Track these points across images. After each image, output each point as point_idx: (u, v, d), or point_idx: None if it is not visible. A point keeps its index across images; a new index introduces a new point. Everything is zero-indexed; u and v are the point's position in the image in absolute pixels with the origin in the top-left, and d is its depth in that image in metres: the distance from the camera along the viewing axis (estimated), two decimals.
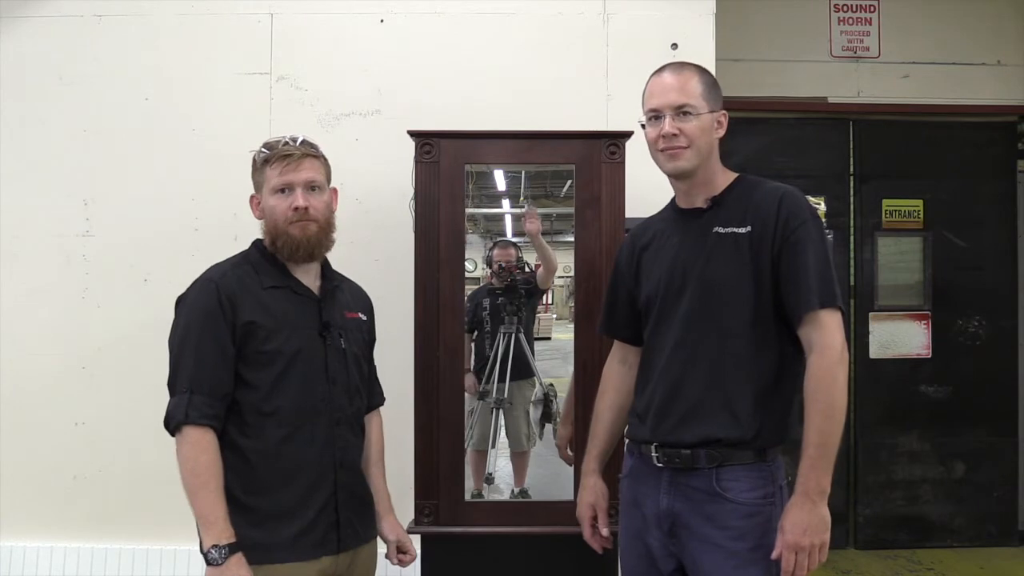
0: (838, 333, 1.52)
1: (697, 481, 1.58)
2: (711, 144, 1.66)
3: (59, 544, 2.85)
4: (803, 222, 1.56)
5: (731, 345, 1.58)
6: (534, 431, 2.89)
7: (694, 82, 1.66)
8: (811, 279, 1.53)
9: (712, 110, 1.65)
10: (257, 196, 1.75)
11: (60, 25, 2.89)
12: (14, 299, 2.88)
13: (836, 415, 1.49)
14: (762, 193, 1.62)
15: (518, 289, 2.80)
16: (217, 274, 1.68)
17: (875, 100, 3.92)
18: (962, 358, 3.93)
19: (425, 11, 2.85)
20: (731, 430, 1.56)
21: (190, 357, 1.59)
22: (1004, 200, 3.99)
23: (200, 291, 1.66)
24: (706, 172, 1.67)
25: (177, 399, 1.58)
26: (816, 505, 1.47)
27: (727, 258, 1.60)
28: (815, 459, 1.48)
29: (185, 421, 1.55)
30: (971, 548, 3.87)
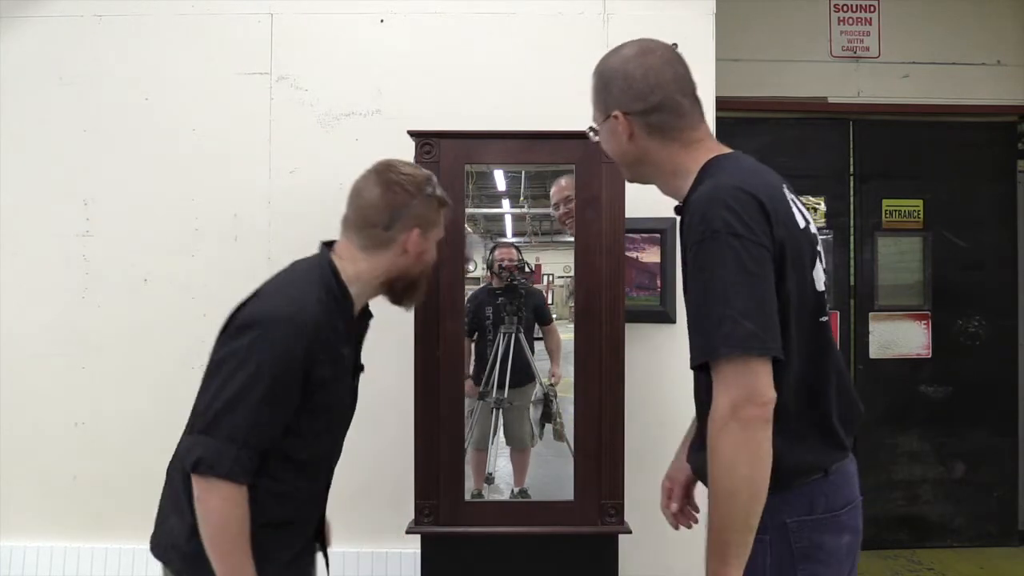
0: (726, 392, 1.22)
1: None
2: (625, 151, 1.44)
3: (59, 544, 2.85)
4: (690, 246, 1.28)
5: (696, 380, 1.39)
6: (534, 430, 2.89)
7: (591, 93, 1.48)
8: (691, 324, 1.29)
9: (605, 117, 1.43)
10: (423, 234, 1.62)
11: (60, 25, 2.89)
12: (14, 299, 2.88)
13: (728, 494, 1.22)
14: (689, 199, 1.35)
15: (518, 289, 2.80)
16: (309, 314, 1.46)
17: (875, 100, 3.92)
18: (962, 358, 3.93)
19: (425, 11, 2.85)
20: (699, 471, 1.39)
21: (253, 408, 1.40)
22: (1004, 200, 3.99)
23: (289, 330, 1.43)
24: (653, 175, 1.47)
25: (222, 447, 1.38)
26: None
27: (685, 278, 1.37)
28: (710, 544, 1.25)
29: (227, 476, 1.38)
30: (971, 548, 3.87)
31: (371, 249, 1.60)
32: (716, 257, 1.23)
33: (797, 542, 1.33)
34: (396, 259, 1.61)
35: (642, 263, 2.81)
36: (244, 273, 2.82)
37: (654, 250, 2.80)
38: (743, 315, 1.20)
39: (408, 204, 1.60)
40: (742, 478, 1.21)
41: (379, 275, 1.61)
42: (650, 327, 2.78)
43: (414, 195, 1.60)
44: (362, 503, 2.81)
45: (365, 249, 1.60)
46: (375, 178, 1.62)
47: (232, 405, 1.39)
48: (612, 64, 1.44)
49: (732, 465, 1.21)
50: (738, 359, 1.21)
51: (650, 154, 1.42)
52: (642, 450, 2.53)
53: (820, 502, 1.34)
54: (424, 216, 1.62)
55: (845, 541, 1.38)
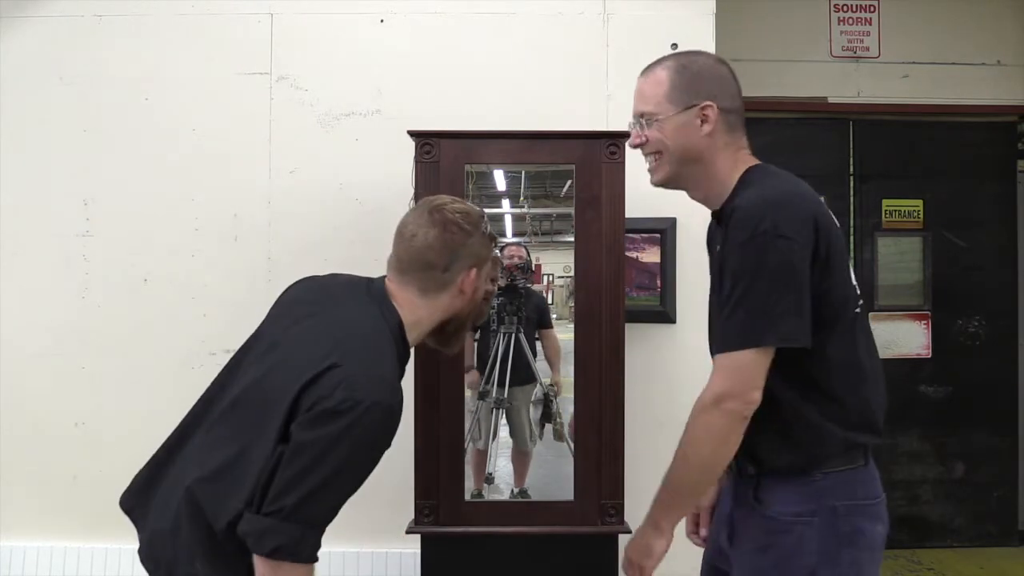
0: (722, 379, 1.35)
1: (743, 489, 1.51)
2: (689, 147, 1.47)
3: (59, 544, 2.85)
4: (734, 247, 1.36)
5: None
6: (534, 430, 2.89)
7: (659, 83, 1.48)
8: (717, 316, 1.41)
9: (687, 106, 1.45)
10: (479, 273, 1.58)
11: (60, 25, 2.89)
12: (14, 299, 2.88)
13: (688, 462, 1.40)
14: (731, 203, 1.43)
15: (518, 289, 2.80)
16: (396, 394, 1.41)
17: (875, 100, 3.92)
18: (962, 358, 3.93)
19: (425, 11, 2.85)
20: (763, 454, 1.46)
21: (340, 495, 1.38)
22: (1004, 200, 3.98)
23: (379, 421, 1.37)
24: (700, 177, 1.50)
25: (305, 534, 1.34)
26: (646, 531, 1.48)
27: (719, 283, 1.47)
28: (659, 493, 1.47)
29: (308, 561, 1.35)
30: (971, 548, 3.87)
31: (431, 293, 1.55)
32: (757, 257, 1.31)
33: (844, 526, 1.40)
34: (453, 301, 1.57)
35: (642, 263, 2.81)
36: (244, 273, 2.85)
37: (654, 250, 2.80)
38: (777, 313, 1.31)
39: (466, 243, 1.55)
40: (703, 457, 1.38)
41: (436, 320, 1.58)
42: (650, 327, 2.78)
43: (471, 233, 1.56)
44: (362, 503, 2.80)
45: (425, 293, 1.55)
46: (429, 218, 1.55)
47: (317, 494, 1.33)
48: (700, 61, 1.51)
49: (700, 444, 1.38)
50: (739, 353, 1.33)
51: (712, 153, 1.48)
52: (642, 450, 2.53)
53: (860, 489, 1.43)
54: (480, 254, 1.59)
55: (879, 531, 1.45)
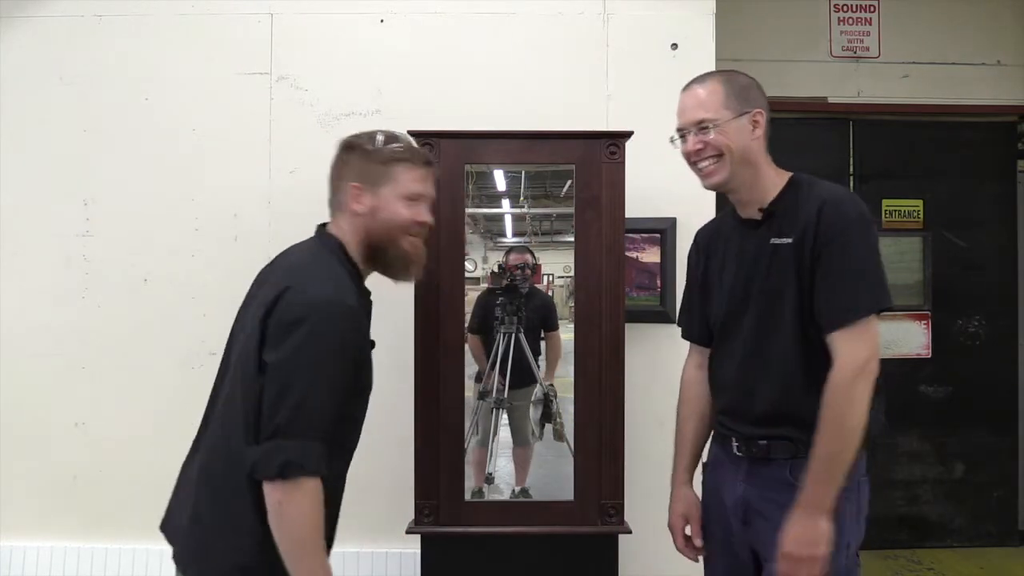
0: (863, 346, 1.50)
1: (772, 471, 1.61)
2: (746, 148, 1.64)
3: (59, 544, 2.86)
4: (841, 226, 1.54)
5: (789, 357, 1.60)
6: (535, 430, 2.89)
7: (714, 92, 1.65)
8: (841, 287, 1.53)
9: (741, 113, 1.63)
10: (368, 189, 1.55)
11: (60, 25, 2.89)
12: (14, 299, 2.88)
13: (845, 432, 1.49)
14: (808, 198, 1.61)
15: (518, 290, 2.80)
16: (349, 296, 1.46)
17: (875, 100, 3.92)
18: (962, 358, 3.93)
19: (425, 11, 2.85)
20: (803, 435, 1.56)
21: (324, 398, 1.39)
22: (1004, 200, 3.98)
23: (339, 317, 1.42)
24: (750, 179, 1.66)
25: (306, 444, 1.36)
26: (813, 518, 1.49)
27: (781, 270, 1.60)
28: (818, 473, 1.50)
29: (314, 473, 1.36)
30: (971, 548, 3.87)
31: (336, 215, 1.59)
32: (869, 235, 1.55)
33: (862, 498, 1.61)
34: (354, 220, 1.56)
35: (642, 263, 2.81)
36: (244, 273, 2.82)
37: (654, 250, 2.80)
38: (883, 281, 1.55)
39: (348, 161, 1.57)
40: (861, 420, 1.49)
41: (351, 243, 1.57)
42: (650, 327, 2.78)
43: (353, 149, 1.57)
44: (362, 503, 2.81)
45: (334, 215, 1.60)
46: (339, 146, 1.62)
47: (304, 404, 1.36)
48: (742, 76, 1.70)
49: (860, 408, 1.49)
50: (871, 321, 1.51)
51: (759, 157, 1.67)
52: (642, 450, 2.53)
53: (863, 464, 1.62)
54: (363, 169, 1.56)
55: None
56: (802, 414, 1.55)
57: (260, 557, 1.40)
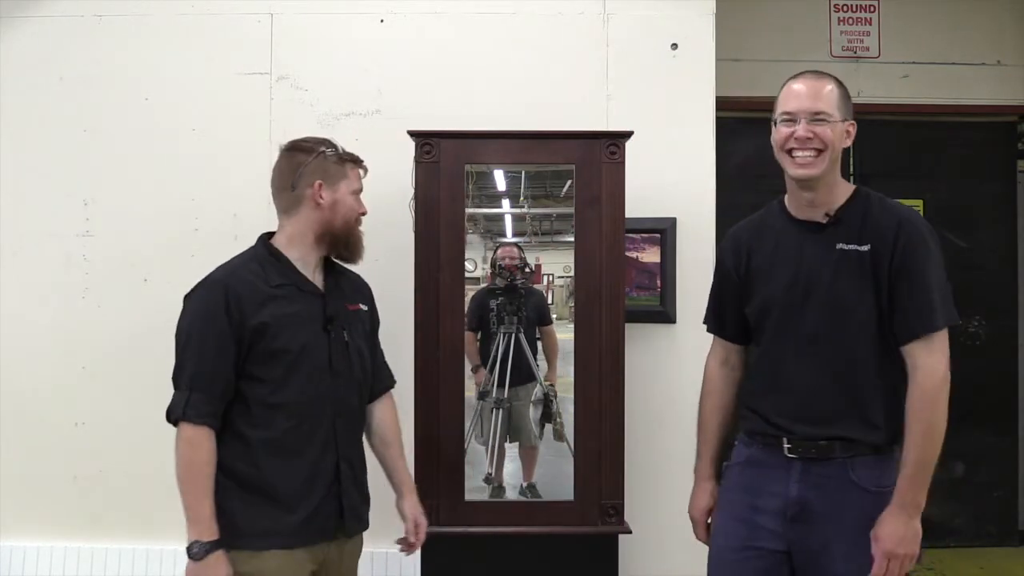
0: (942, 356, 1.64)
1: (831, 470, 1.66)
2: (839, 150, 1.71)
3: (59, 544, 2.86)
4: (920, 244, 1.65)
5: (860, 362, 1.66)
6: (535, 430, 2.89)
7: (830, 89, 1.73)
8: (921, 302, 1.63)
9: (844, 119, 1.71)
10: (329, 186, 1.80)
11: (60, 25, 2.89)
12: (14, 299, 2.88)
13: (935, 436, 1.62)
14: (881, 211, 1.68)
15: (518, 289, 2.80)
16: (224, 274, 1.74)
17: (875, 100, 3.92)
18: (962, 358, 3.87)
19: (425, 11, 2.85)
20: (867, 435, 1.66)
21: (192, 356, 1.67)
22: (1004, 200, 3.98)
23: (207, 291, 1.72)
24: (832, 181, 1.72)
25: (178, 395, 1.66)
26: (911, 518, 1.59)
27: (851, 275, 1.66)
28: (913, 476, 1.60)
29: (183, 418, 1.63)
30: (971, 548, 3.87)
31: (290, 211, 1.82)
32: (938, 255, 1.69)
33: None
34: (313, 213, 1.80)
35: (642, 263, 2.81)
36: None
37: (654, 250, 2.80)
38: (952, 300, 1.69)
39: (307, 162, 1.80)
40: (945, 426, 1.64)
41: (307, 232, 1.80)
42: (650, 327, 2.78)
43: (311, 152, 1.82)
44: None
45: (286, 213, 1.83)
46: (280, 152, 1.88)
47: (180, 360, 1.69)
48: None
49: (944, 415, 1.63)
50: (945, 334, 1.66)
51: (838, 164, 1.74)
52: (642, 450, 2.53)
53: None
54: (325, 170, 1.80)
55: None
56: (869, 415, 1.65)
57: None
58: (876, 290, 1.65)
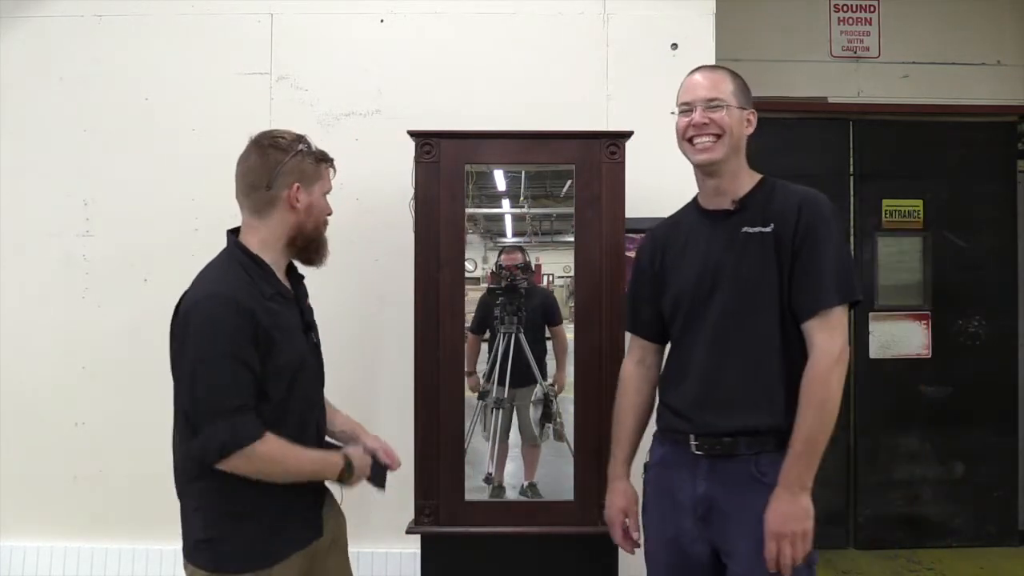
0: (839, 335, 1.59)
1: (736, 467, 1.64)
2: (740, 138, 1.73)
3: (59, 544, 2.86)
4: (820, 222, 1.63)
5: (763, 340, 1.65)
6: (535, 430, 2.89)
7: (725, 80, 1.76)
8: (819, 279, 1.60)
9: (742, 107, 1.74)
10: (306, 188, 1.70)
11: (60, 25, 2.89)
12: (14, 299, 2.88)
13: (825, 415, 1.56)
14: (784, 194, 1.69)
15: (518, 289, 2.80)
16: (228, 289, 1.59)
17: (875, 100, 3.92)
18: (962, 358, 3.93)
19: (425, 11, 2.85)
20: (769, 419, 1.62)
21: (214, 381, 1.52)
22: (1004, 200, 3.98)
23: (220, 308, 1.55)
24: (735, 168, 1.74)
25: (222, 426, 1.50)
26: (796, 496, 1.54)
27: (756, 256, 1.65)
28: (799, 454, 1.55)
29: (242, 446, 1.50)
30: (971, 548, 3.87)
31: (263, 213, 1.71)
32: (839, 232, 1.65)
33: None
34: (287, 216, 1.70)
35: None
36: None
37: None
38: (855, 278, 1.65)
39: (283, 161, 1.69)
40: (837, 405, 1.57)
41: (280, 236, 1.71)
42: None
43: (288, 151, 1.70)
44: (362, 503, 2.81)
45: (258, 214, 1.71)
46: (252, 147, 1.74)
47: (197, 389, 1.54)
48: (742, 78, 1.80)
49: (837, 395, 1.57)
50: (843, 311, 1.61)
51: (743, 151, 1.76)
52: (642, 450, 2.53)
53: None
54: (302, 170, 1.70)
55: None
56: (771, 396, 1.63)
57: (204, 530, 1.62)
58: (779, 270, 1.64)
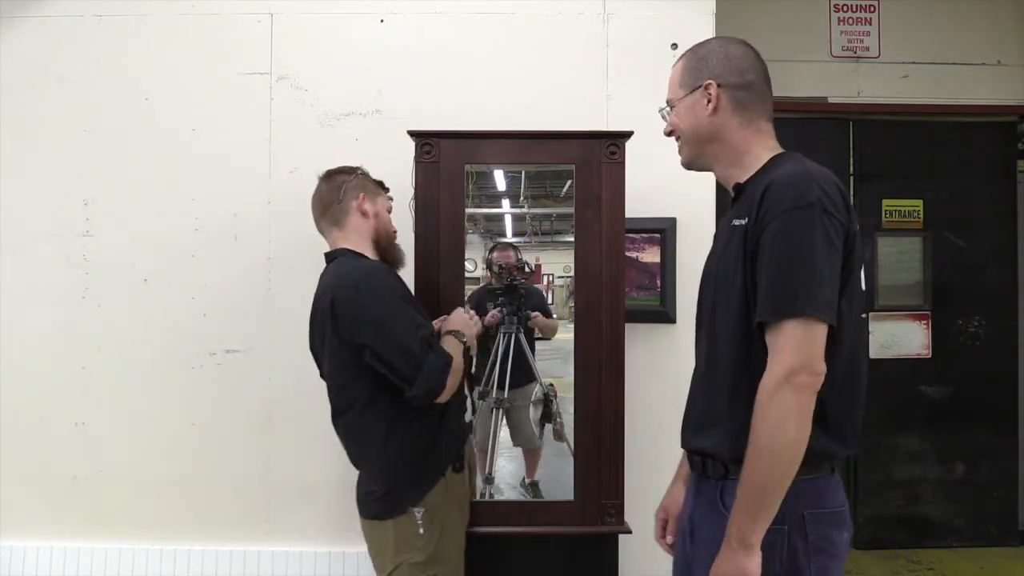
0: (788, 352, 1.27)
1: (709, 490, 1.45)
2: (700, 125, 1.50)
3: (59, 544, 2.85)
4: (778, 213, 1.32)
5: (727, 354, 1.42)
6: (535, 431, 2.88)
7: (675, 75, 1.56)
8: (768, 284, 1.32)
9: (693, 88, 1.50)
10: (370, 199, 2.06)
11: (60, 25, 2.89)
12: (14, 299, 2.88)
13: (768, 455, 1.27)
14: (766, 178, 1.40)
15: (517, 290, 2.79)
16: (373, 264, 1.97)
17: (875, 100, 3.92)
18: (962, 358, 3.93)
19: (425, 11, 2.85)
20: (723, 443, 1.40)
21: (412, 315, 1.87)
22: (1004, 200, 3.98)
23: (382, 274, 1.91)
24: (719, 154, 1.51)
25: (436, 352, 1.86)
26: (735, 553, 1.29)
27: (730, 254, 1.42)
28: (741, 504, 1.30)
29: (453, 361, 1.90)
30: (971, 548, 3.87)
31: (341, 223, 2.03)
32: (807, 226, 1.29)
33: (812, 534, 1.35)
34: (363, 223, 2.04)
35: (642, 263, 2.81)
36: (244, 273, 2.85)
37: (654, 250, 2.80)
38: (824, 282, 1.28)
39: (347, 180, 2.05)
40: (789, 440, 1.26)
41: (364, 238, 2.04)
42: (650, 327, 2.78)
43: (349, 173, 2.08)
44: None
45: (337, 225, 2.04)
46: (321, 180, 2.10)
47: (405, 339, 1.82)
48: (711, 45, 1.53)
49: (782, 426, 1.26)
50: (807, 324, 1.27)
51: (726, 131, 1.49)
52: (642, 450, 2.53)
53: (827, 498, 1.38)
54: (363, 186, 2.06)
55: (845, 538, 1.41)
56: (726, 419, 1.39)
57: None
58: (743, 271, 1.37)
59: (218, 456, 2.81)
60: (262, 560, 2.81)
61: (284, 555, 2.80)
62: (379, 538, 1.96)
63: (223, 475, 2.81)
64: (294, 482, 2.82)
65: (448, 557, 1.98)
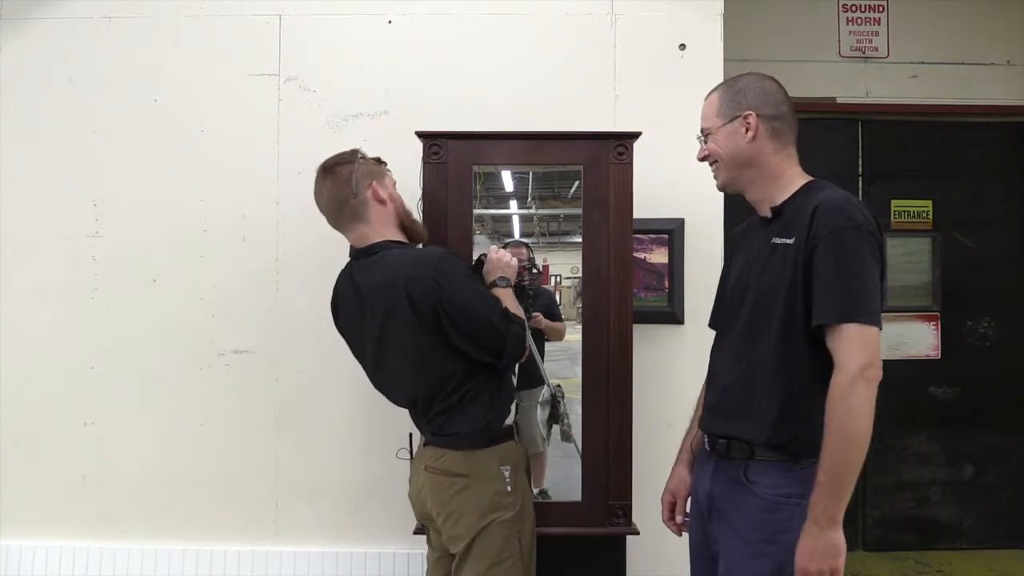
0: (858, 351, 1.48)
1: (731, 469, 1.66)
2: (739, 151, 1.71)
3: (68, 543, 2.87)
4: (831, 232, 1.53)
5: (770, 353, 1.61)
6: (542, 432, 2.88)
7: (712, 102, 1.76)
8: (830, 292, 1.52)
9: (732, 118, 1.71)
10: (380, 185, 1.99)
11: (70, 27, 2.90)
12: (23, 299, 2.90)
13: (845, 442, 1.47)
14: (809, 201, 1.60)
15: (526, 290, 2.79)
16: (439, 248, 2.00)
17: (884, 100, 3.91)
18: (971, 359, 3.91)
19: (433, 12, 2.85)
20: (757, 435, 1.62)
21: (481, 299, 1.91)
22: (1013, 200, 3.97)
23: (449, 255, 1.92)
24: (757, 179, 1.72)
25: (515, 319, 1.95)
26: (824, 531, 1.47)
27: (776, 269, 1.62)
28: (824, 485, 1.48)
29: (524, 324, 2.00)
30: (980, 550, 3.85)
31: (362, 216, 1.97)
32: (857, 244, 1.52)
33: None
34: (384, 210, 1.99)
35: (650, 264, 2.80)
36: (252, 274, 2.86)
37: (662, 251, 2.80)
38: (873, 295, 1.51)
39: (353, 171, 1.96)
40: (863, 428, 1.46)
41: (389, 225, 1.99)
42: (658, 328, 2.78)
43: (352, 162, 1.99)
44: (369, 503, 2.82)
45: (360, 219, 1.97)
46: (321, 175, 2.00)
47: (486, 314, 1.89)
48: (747, 80, 1.75)
49: (859, 416, 1.46)
50: (868, 327, 1.49)
51: (762, 157, 1.70)
52: (650, 451, 2.53)
53: None
54: (371, 172, 1.99)
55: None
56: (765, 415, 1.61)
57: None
58: (792, 284, 1.58)
59: (226, 456, 2.82)
60: (270, 560, 2.81)
61: (292, 555, 2.81)
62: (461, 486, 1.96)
63: (231, 475, 2.82)
64: (302, 482, 2.83)
65: (528, 516, 2.02)
